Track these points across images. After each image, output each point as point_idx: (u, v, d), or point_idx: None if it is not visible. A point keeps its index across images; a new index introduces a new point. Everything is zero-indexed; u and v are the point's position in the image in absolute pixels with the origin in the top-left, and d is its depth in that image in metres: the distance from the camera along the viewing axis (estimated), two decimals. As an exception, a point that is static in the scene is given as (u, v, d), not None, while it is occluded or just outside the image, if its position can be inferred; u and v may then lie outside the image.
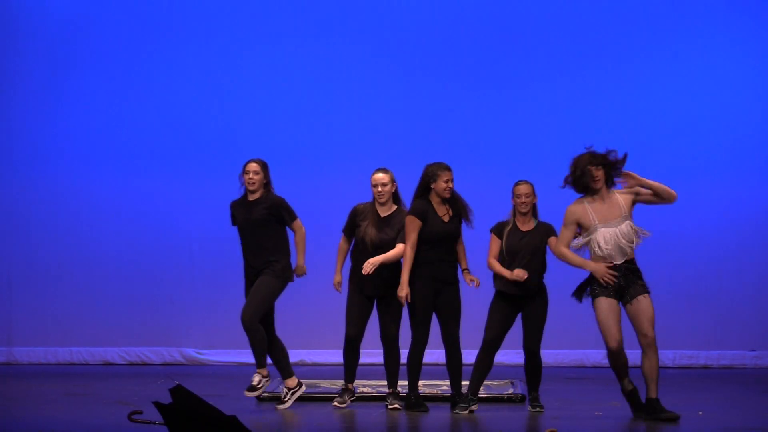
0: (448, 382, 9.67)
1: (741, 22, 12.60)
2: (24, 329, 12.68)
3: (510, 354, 12.68)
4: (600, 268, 8.84)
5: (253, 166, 9.60)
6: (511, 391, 10.21)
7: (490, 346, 9.35)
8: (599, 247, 8.88)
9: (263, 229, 9.57)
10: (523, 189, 9.39)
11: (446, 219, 9.46)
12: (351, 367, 9.61)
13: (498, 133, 12.67)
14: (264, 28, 12.74)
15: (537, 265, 9.32)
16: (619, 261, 8.89)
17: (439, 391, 10.22)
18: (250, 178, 9.59)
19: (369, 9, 12.73)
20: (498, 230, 9.45)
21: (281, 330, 9.85)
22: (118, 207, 12.60)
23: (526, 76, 12.65)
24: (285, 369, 9.61)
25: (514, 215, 9.44)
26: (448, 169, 9.47)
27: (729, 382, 11.43)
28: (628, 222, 8.90)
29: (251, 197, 9.62)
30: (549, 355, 12.62)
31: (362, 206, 9.76)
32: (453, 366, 9.47)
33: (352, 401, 9.65)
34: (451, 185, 9.46)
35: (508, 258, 9.31)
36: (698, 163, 12.55)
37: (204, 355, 12.64)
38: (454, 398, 9.45)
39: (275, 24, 12.74)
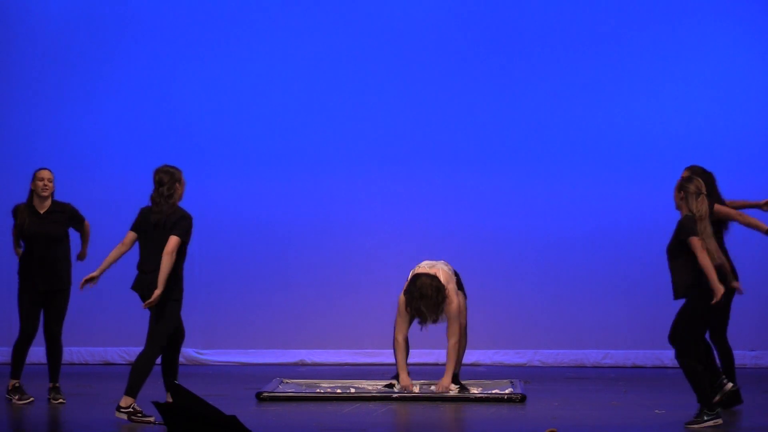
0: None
1: (739, 21, 12.62)
2: (24, 329, 12.66)
3: (509, 354, 12.70)
4: None
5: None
6: (510, 390, 10.21)
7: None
8: None
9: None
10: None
11: None
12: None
13: (498, 134, 12.67)
14: (262, 27, 12.74)
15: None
16: None
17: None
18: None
19: (369, 9, 12.73)
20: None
21: (281, 330, 9.86)
22: (118, 207, 12.58)
23: (526, 76, 12.65)
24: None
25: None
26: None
27: (729, 382, 11.42)
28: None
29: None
30: (549, 355, 12.64)
31: None
32: None
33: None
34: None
35: None
36: (699, 163, 12.54)
37: (204, 355, 12.64)
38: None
39: (273, 23, 12.74)
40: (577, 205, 12.52)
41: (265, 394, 9.93)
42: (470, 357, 12.59)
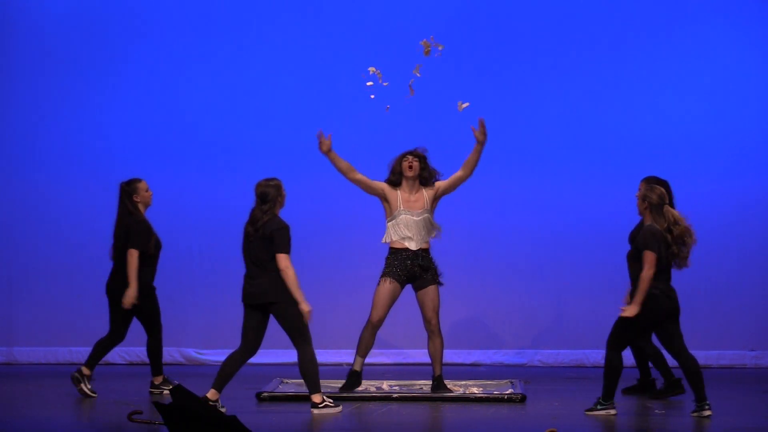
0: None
1: (738, 22, 12.63)
2: (24, 329, 12.67)
3: (509, 354, 12.69)
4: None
5: None
6: (510, 390, 10.21)
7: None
8: (400, 230, 9.98)
9: None
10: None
11: None
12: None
13: (498, 133, 12.66)
14: (264, 28, 12.75)
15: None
16: (414, 248, 9.94)
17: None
18: None
19: (369, 10, 12.74)
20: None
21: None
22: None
23: (526, 76, 12.66)
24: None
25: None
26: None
27: (729, 382, 11.42)
28: (428, 216, 9.96)
29: None
30: (549, 355, 12.63)
31: None
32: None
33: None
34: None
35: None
36: (698, 162, 12.55)
37: (204, 355, 12.64)
38: None
39: (276, 24, 12.75)
40: (577, 204, 12.52)
41: (265, 394, 9.94)
42: (470, 357, 12.60)
